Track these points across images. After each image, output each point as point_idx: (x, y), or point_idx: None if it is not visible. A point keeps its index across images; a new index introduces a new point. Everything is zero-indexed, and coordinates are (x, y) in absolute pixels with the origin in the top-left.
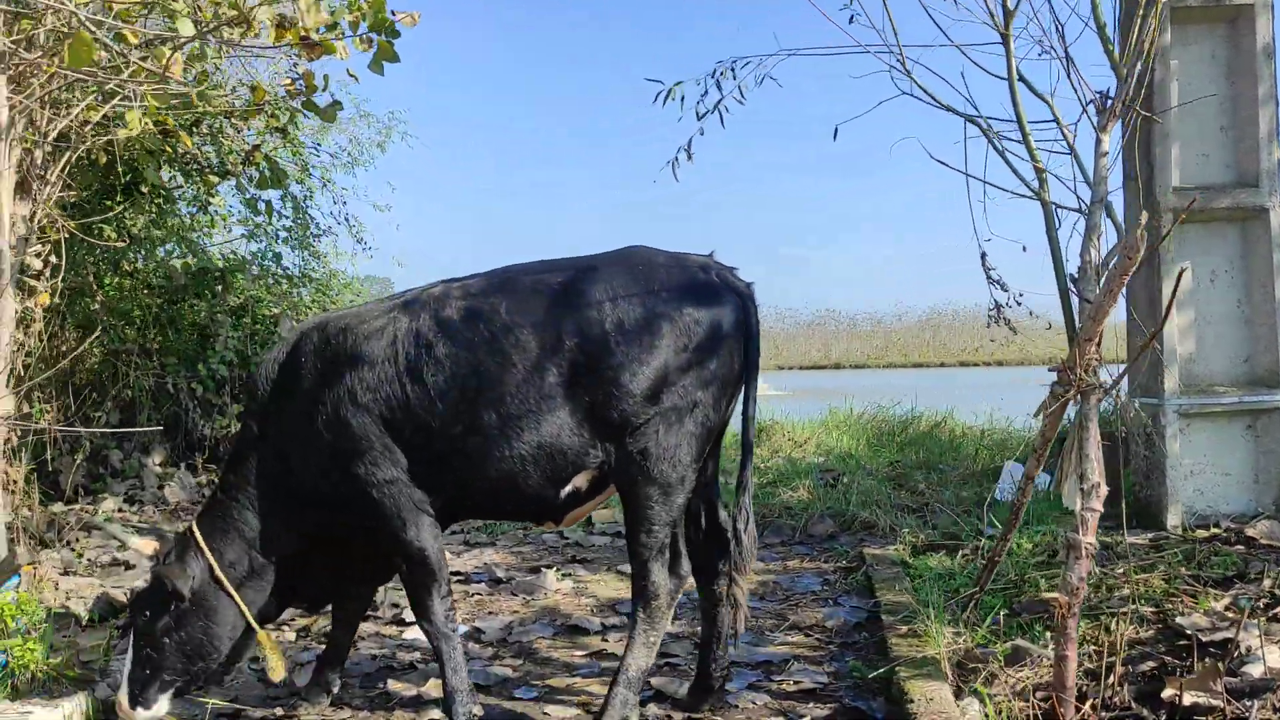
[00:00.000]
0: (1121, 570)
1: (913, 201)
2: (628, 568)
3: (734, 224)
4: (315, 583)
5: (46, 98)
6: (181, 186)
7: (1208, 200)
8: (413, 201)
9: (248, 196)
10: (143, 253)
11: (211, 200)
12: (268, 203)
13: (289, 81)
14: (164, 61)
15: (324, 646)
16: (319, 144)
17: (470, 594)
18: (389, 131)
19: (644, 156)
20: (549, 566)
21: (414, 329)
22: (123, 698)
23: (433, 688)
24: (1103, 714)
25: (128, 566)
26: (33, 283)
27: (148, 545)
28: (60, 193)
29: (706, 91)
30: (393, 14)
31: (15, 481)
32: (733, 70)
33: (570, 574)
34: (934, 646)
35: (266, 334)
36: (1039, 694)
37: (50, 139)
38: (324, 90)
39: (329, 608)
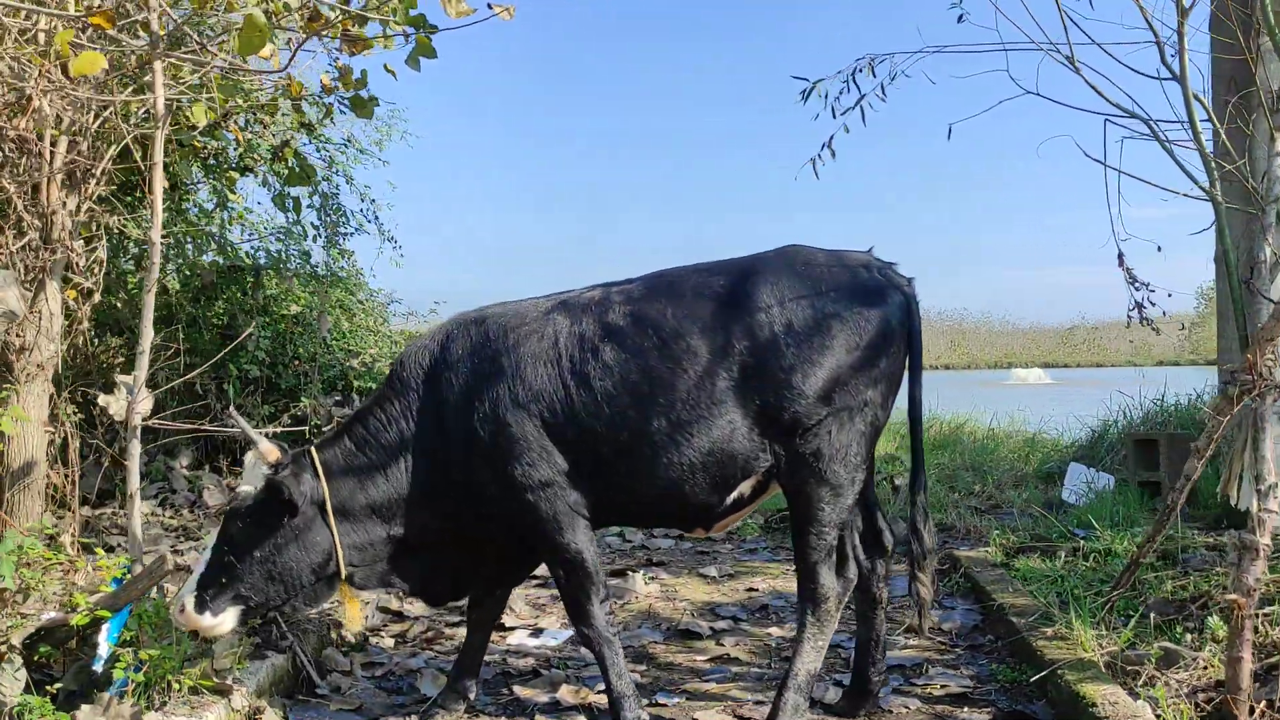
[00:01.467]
0: None
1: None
2: (708, 570)
3: (696, 226)
4: (443, 577)
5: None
6: (201, 182)
7: None
8: (414, 202)
9: (276, 193)
10: (171, 250)
11: (231, 197)
12: (296, 199)
13: (326, 76)
14: (267, 55)
15: (426, 651)
16: (340, 140)
17: (557, 598)
18: (388, 130)
19: (631, 159)
20: (632, 570)
21: (577, 332)
22: (188, 600)
23: (567, 694)
24: (1276, 715)
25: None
26: (78, 279)
27: (272, 452)
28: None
29: (844, 90)
30: (489, 6)
31: (55, 486)
32: (872, 68)
33: (654, 577)
34: (1086, 649)
35: (292, 334)
36: (1201, 695)
37: (93, 129)
38: (363, 86)
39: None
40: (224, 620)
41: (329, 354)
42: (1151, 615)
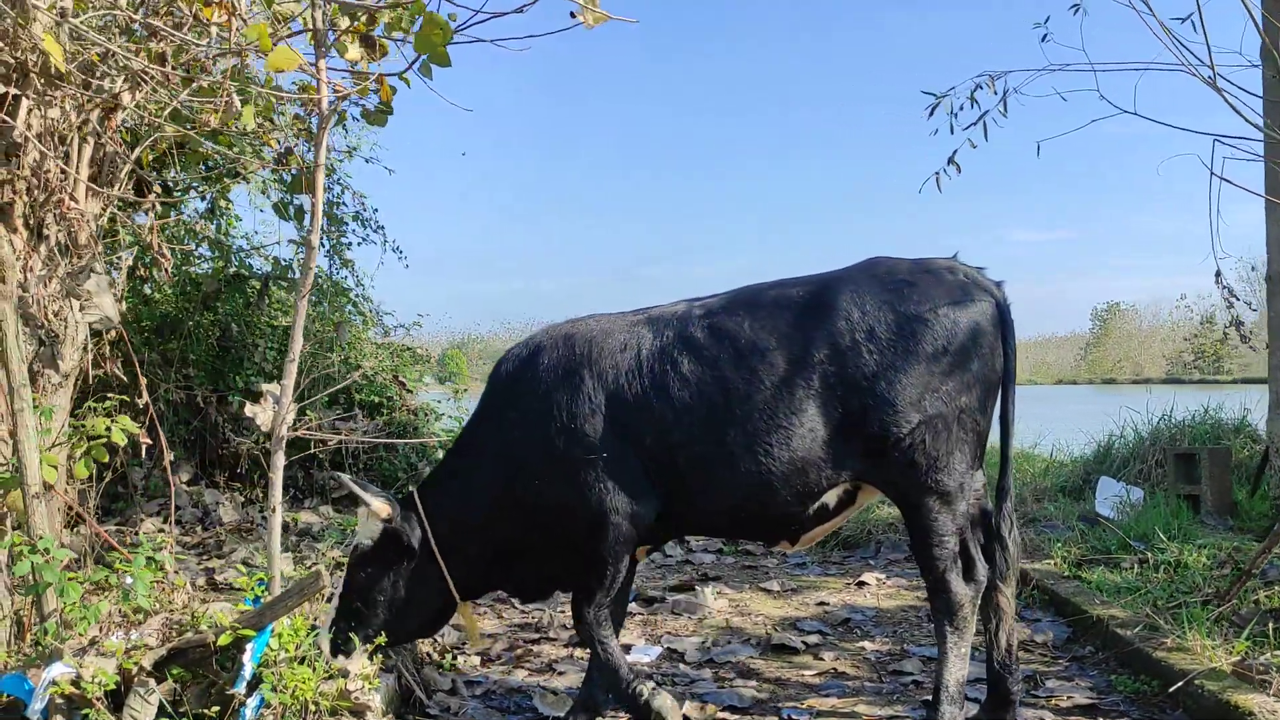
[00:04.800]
0: None
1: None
2: (769, 585)
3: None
4: (535, 577)
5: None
6: (193, 188)
7: None
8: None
9: (275, 200)
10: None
11: (224, 203)
12: (299, 208)
13: (339, 82)
14: (356, 58)
15: (519, 669)
16: (339, 149)
17: (630, 614)
18: (359, 141)
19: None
20: (699, 584)
21: (658, 345)
22: (324, 645)
23: (693, 710)
24: None
25: (233, 589)
26: None
27: (384, 509)
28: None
29: (963, 107)
30: (572, 13)
31: (73, 502)
32: (992, 85)
33: (720, 592)
34: (1213, 659)
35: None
36: None
37: (113, 129)
38: (376, 92)
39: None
40: (357, 657)
41: (331, 366)
42: (1270, 624)
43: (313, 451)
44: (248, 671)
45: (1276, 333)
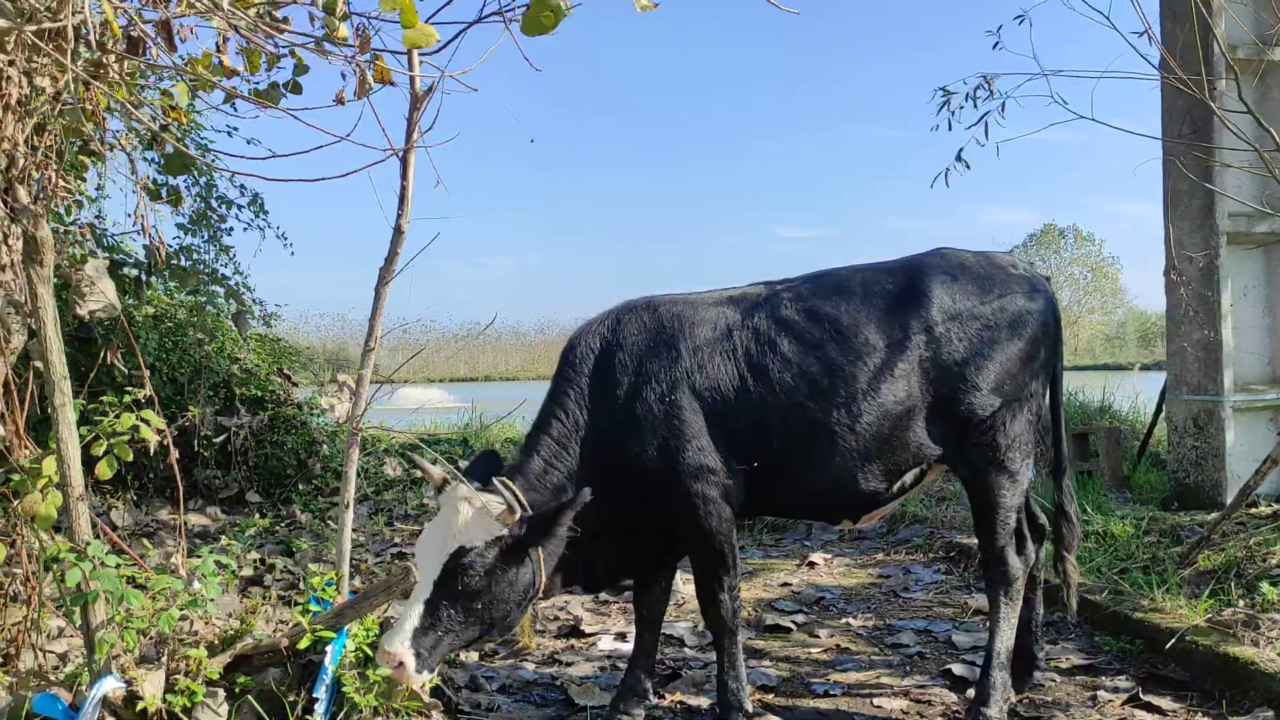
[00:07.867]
0: (1255, 542)
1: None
2: None
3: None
4: (600, 565)
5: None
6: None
7: (1249, 226)
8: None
9: (152, 182)
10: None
11: (78, 184)
12: (175, 190)
13: (226, 59)
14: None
15: (525, 663)
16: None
17: (606, 601)
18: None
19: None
20: None
21: (752, 325)
22: (409, 659)
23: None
24: None
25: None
26: None
27: (516, 512)
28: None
29: (961, 107)
30: None
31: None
32: (988, 88)
33: (686, 579)
34: (1192, 617)
35: (174, 340)
36: None
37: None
38: (268, 70)
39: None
40: (436, 672)
41: (209, 360)
42: (1229, 582)
43: (196, 450)
44: (329, 675)
45: (1175, 321)
